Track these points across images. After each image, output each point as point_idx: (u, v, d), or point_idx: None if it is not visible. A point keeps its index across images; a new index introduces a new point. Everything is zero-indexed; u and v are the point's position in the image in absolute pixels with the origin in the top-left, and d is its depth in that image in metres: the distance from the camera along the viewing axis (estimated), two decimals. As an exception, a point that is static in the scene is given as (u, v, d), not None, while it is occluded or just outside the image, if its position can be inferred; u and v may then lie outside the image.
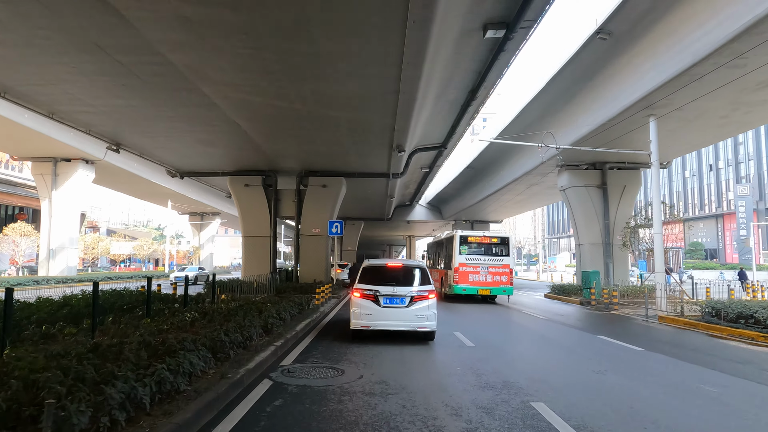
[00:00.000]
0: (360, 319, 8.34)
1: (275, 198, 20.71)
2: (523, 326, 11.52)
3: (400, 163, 19.15)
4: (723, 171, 60.38)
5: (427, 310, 8.35)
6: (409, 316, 8.30)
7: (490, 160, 26.00)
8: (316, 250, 20.53)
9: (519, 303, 18.52)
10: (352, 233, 44.25)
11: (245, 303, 10.96)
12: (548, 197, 30.39)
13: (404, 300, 8.33)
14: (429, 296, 8.43)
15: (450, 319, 12.65)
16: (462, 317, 13.33)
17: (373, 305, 8.30)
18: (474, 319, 12.96)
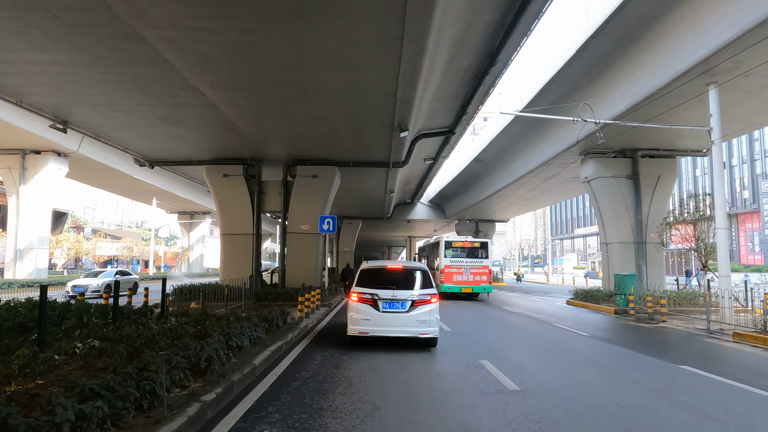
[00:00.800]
0: (358, 324, 7.94)
1: (258, 190, 18.08)
2: (569, 349, 8.82)
3: (402, 148, 16.55)
4: (737, 169, 57.86)
5: (429, 315, 7.92)
6: (409, 322, 7.87)
7: (501, 151, 23.39)
8: (306, 250, 17.90)
9: (542, 311, 15.90)
10: (350, 233, 41.65)
11: (200, 317, 8.33)
12: (562, 192, 27.82)
13: (405, 304, 7.90)
14: (431, 300, 8.00)
15: (467, 334, 10.05)
16: (484, 332, 10.71)
17: (371, 310, 7.88)
18: (500, 337, 10.33)
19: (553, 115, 13.21)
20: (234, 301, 14.05)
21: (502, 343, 9.34)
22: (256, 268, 17.78)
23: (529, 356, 8.06)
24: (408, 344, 8.49)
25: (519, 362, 7.42)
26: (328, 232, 16.72)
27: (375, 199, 29.18)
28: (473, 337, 9.92)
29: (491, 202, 31.51)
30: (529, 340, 9.88)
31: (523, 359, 7.74)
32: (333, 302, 16.08)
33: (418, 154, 21.50)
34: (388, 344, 8.43)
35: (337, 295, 19.01)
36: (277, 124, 13.77)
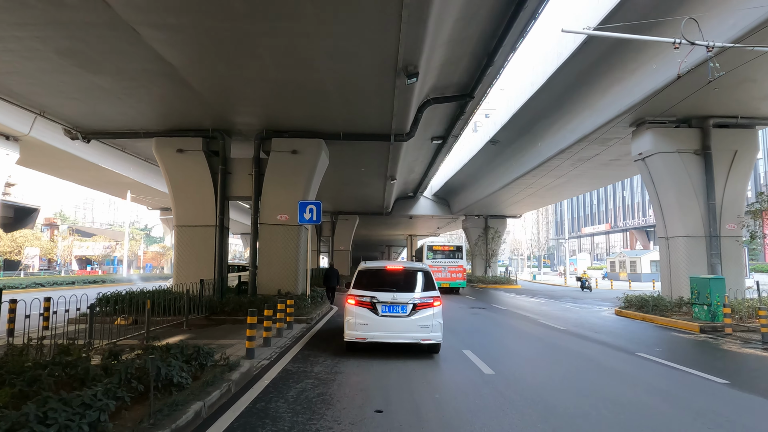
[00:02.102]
0: (355, 329, 7.51)
1: (223, 170, 14.14)
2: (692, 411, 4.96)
3: (407, 113, 12.68)
4: (762, 162, 53.96)
5: (431, 319, 7.47)
6: (411, 327, 7.43)
7: (525, 128, 19.49)
8: (284, 246, 13.97)
9: (592, 326, 11.96)
10: (346, 230, 37.77)
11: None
12: (594, 179, 23.74)
13: (405, 308, 7.48)
14: (434, 304, 7.57)
15: (511, 375, 6.19)
16: (540, 372, 6.83)
17: (369, 314, 7.47)
18: (572, 385, 6.42)
19: (641, 36, 9.07)
20: (176, 316, 10.14)
21: (576, 399, 5.44)
22: (219, 269, 13.84)
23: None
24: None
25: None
26: (311, 222, 12.82)
27: (373, 189, 25.27)
28: (528, 384, 6.04)
29: (505, 193, 27.60)
30: (621, 395, 5.96)
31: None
32: (314, 316, 12.10)
33: (426, 129, 17.63)
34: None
35: (322, 305, 15.05)
36: (237, 72, 9.87)
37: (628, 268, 38.69)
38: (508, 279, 33.53)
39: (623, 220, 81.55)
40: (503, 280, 32.84)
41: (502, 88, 29.33)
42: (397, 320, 7.46)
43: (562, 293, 26.93)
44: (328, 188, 25.31)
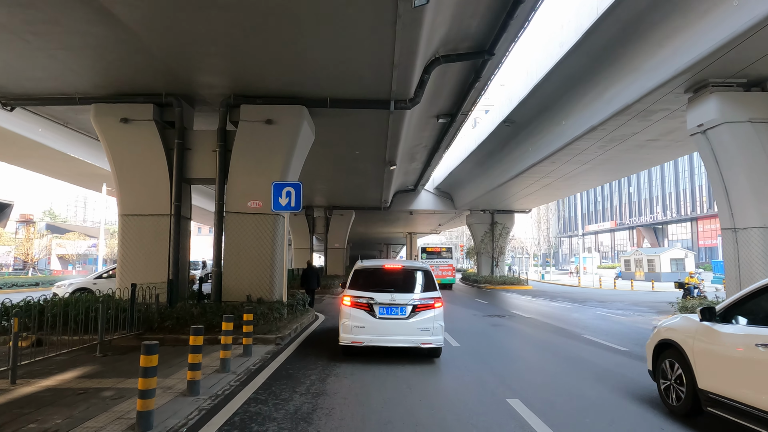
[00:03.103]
0: (351, 332, 7.15)
1: (181, 145, 11.27)
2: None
3: (411, 70, 9.88)
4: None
5: (432, 321, 7.10)
6: (410, 330, 7.06)
7: (546, 104, 16.67)
8: (257, 240, 11.11)
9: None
10: (341, 226, 34.92)
11: None
12: (623, 166, 20.62)
13: (404, 310, 7.12)
14: (435, 305, 7.20)
15: None
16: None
17: (366, 316, 7.12)
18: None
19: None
20: (89, 334, 7.26)
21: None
22: (175, 270, 10.97)
23: None
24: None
25: None
26: (288, 209, 9.98)
27: (370, 179, 22.43)
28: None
29: (517, 185, 24.79)
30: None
31: None
32: (289, 333, 9.11)
33: (430, 106, 14.88)
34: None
35: (304, 315, 12.11)
36: (196, 11, 7.04)
37: (645, 267, 35.90)
38: (518, 279, 30.74)
39: (629, 218, 78.84)
40: (512, 281, 30.06)
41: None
42: (396, 323, 7.11)
43: (583, 295, 24.14)
44: (319, 177, 22.47)
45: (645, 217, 74.15)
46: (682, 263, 33.87)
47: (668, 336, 5.13)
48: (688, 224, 66.23)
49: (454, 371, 6.65)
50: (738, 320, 4.36)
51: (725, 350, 4.31)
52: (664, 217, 69.91)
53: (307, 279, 13.96)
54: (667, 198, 69.93)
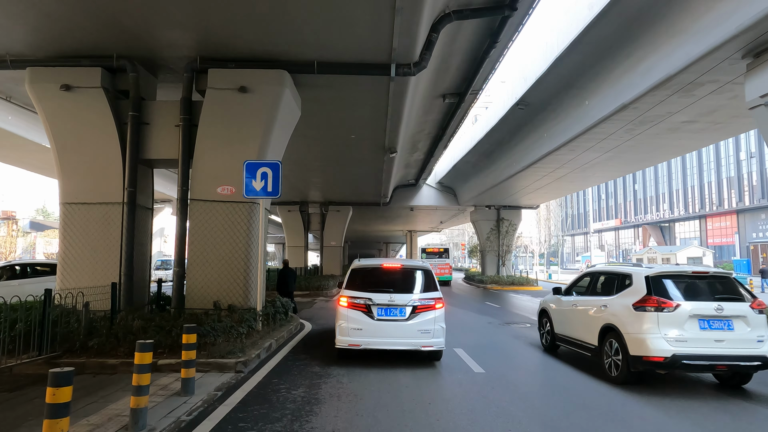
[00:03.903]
0: (347, 335, 6.90)
1: (136, 119, 9.26)
2: None
3: (417, 22, 7.90)
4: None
5: (433, 323, 6.88)
6: (410, 332, 6.83)
7: (567, 81, 14.69)
8: (228, 234, 9.14)
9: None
10: (337, 223, 32.98)
11: None
12: (646, 155, 18.49)
13: (404, 311, 6.88)
14: (435, 306, 6.98)
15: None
16: None
17: (364, 317, 6.88)
18: None
19: None
20: (22, 355, 5.28)
21: None
22: (127, 269, 8.98)
23: None
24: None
25: None
26: (265, 195, 8.01)
27: (369, 170, 20.47)
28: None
29: (527, 177, 22.83)
30: None
31: None
32: (258, 352, 6.95)
33: (436, 82, 12.96)
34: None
35: (285, 325, 10.01)
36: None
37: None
38: (527, 279, 28.76)
39: (635, 216, 76.87)
40: (521, 281, 28.09)
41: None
42: (395, 324, 6.90)
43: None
44: (312, 168, 20.50)
45: (651, 215, 72.17)
46: (699, 262, 31.91)
47: (543, 305, 8.77)
48: (696, 222, 64.28)
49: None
50: (570, 293, 8.05)
51: (563, 310, 8.03)
52: (671, 215, 67.97)
53: (283, 281, 11.92)
54: (674, 195, 67.98)
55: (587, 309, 7.25)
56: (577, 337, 7.40)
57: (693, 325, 5.87)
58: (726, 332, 5.86)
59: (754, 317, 5.96)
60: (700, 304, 5.99)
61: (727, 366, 5.84)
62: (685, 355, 5.75)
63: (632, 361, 5.97)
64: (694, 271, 6.55)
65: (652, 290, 6.15)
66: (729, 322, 5.90)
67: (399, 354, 7.96)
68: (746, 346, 5.81)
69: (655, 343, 5.83)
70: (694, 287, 6.29)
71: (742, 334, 5.86)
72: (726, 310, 5.93)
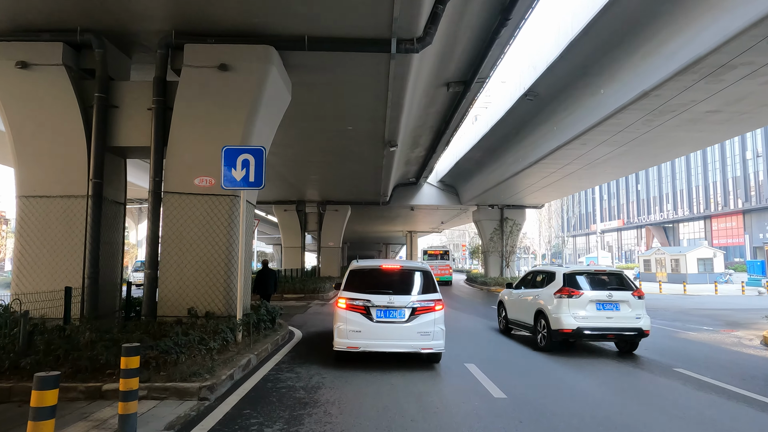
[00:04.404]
0: (346, 337, 6.75)
1: (102, 101, 8.16)
2: None
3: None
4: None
5: (433, 325, 6.79)
6: (409, 334, 6.72)
7: (582, 67, 13.63)
8: (207, 232, 8.06)
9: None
10: (335, 223, 31.92)
11: None
12: (661, 150, 17.23)
13: (403, 313, 6.77)
14: (435, 308, 6.90)
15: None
16: None
17: (363, 319, 6.75)
18: None
19: None
20: None
21: None
22: (92, 271, 7.89)
23: None
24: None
25: None
26: (246, 186, 6.93)
27: (367, 166, 19.41)
28: None
29: (534, 174, 21.77)
30: None
31: None
32: (230, 372, 5.62)
33: (440, 68, 11.93)
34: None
35: (270, 336, 8.84)
36: None
37: (668, 267, 32.81)
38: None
39: (638, 216, 75.77)
40: (526, 283, 26.95)
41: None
42: (395, 326, 6.74)
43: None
44: (308, 165, 19.44)
45: (654, 216, 71.10)
46: (710, 263, 30.83)
47: (500, 297, 11.26)
48: (701, 222, 63.22)
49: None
50: (519, 288, 10.25)
51: (513, 300, 10.37)
52: (674, 216, 66.90)
53: (263, 283, 10.73)
54: (678, 195, 66.93)
55: (527, 298, 9.60)
56: (522, 320, 9.81)
57: (592, 307, 8.14)
58: (614, 312, 8.13)
59: (635, 301, 8.24)
60: (597, 292, 8.27)
61: (614, 335, 8.14)
62: (585, 328, 8.03)
63: (553, 334, 8.24)
64: (595, 269, 9.14)
65: (566, 283, 8.41)
66: (617, 305, 8.16)
67: (400, 365, 6.92)
68: (628, 322, 8.07)
69: (566, 319, 8.07)
70: (595, 280, 8.58)
71: (626, 314, 8.13)
72: (614, 297, 8.20)
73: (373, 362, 7.16)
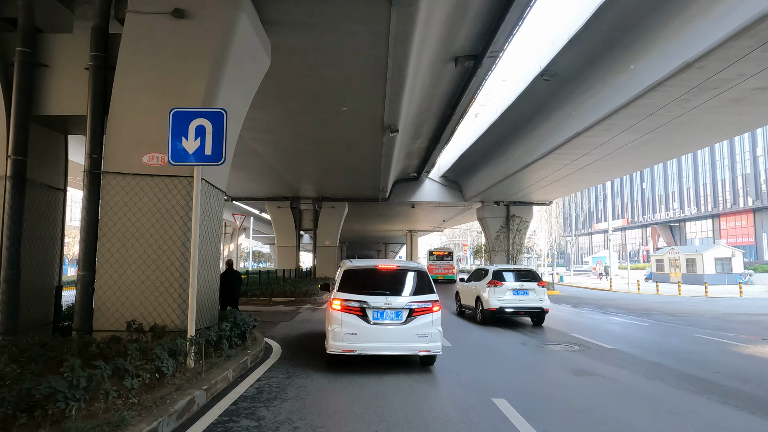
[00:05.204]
0: (341, 340, 6.45)
1: (27, 57, 6.45)
2: None
3: None
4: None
5: (431, 327, 6.62)
6: (407, 336, 6.52)
7: (608, 39, 11.95)
8: (158, 222, 6.34)
9: None
10: (332, 221, 30.27)
11: None
12: (692, 138, 15.21)
13: (401, 314, 6.56)
14: (433, 309, 6.72)
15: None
16: None
17: (359, 321, 6.47)
18: None
19: None
20: None
21: None
22: (9, 270, 6.17)
23: None
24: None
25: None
26: (201, 160, 5.17)
27: (366, 155, 17.74)
28: None
29: (546, 167, 20.06)
30: None
31: None
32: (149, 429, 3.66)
33: (446, 38, 10.21)
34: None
35: (232, 360, 6.96)
36: None
37: (683, 267, 31.10)
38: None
39: (643, 215, 74.10)
40: (535, 284, 25.28)
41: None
42: (392, 328, 6.51)
43: (632, 304, 19.40)
44: (299, 156, 17.75)
45: (660, 215, 69.44)
46: (728, 263, 29.15)
47: (456, 288, 14.93)
48: (708, 221, 61.56)
49: None
50: (469, 281, 13.56)
51: (463, 289, 13.98)
52: (681, 214, 65.24)
53: (227, 287, 8.87)
54: (685, 193, 65.25)
55: (472, 288, 13.03)
56: (468, 304, 13.25)
57: (510, 293, 11.74)
58: (524, 296, 11.76)
59: (539, 289, 11.85)
60: (513, 283, 11.88)
61: (524, 312, 11.93)
62: (504, 307, 11.64)
63: (485, 312, 11.82)
64: (515, 268, 12.70)
65: (494, 277, 11.96)
66: (527, 291, 11.77)
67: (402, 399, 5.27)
68: (534, 303, 11.72)
69: (492, 302, 11.66)
70: (514, 275, 12.14)
71: (533, 297, 11.74)
72: (525, 286, 11.84)
73: (370, 400, 5.48)
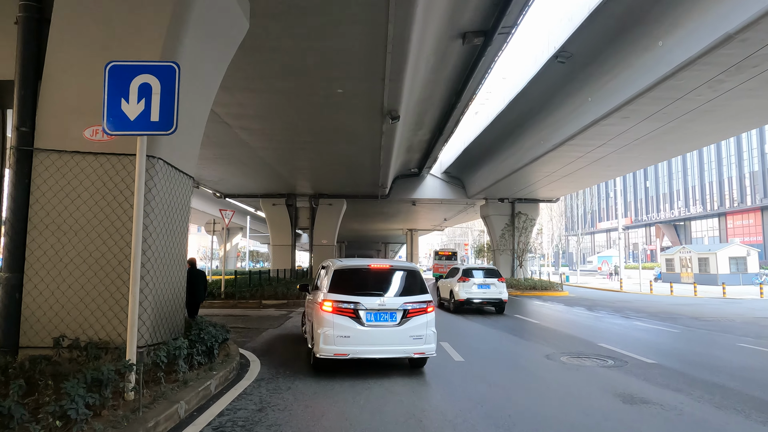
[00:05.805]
0: (333, 344, 6.08)
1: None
2: None
3: None
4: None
5: (425, 328, 6.39)
6: (401, 338, 6.26)
7: (634, 12, 10.73)
8: (103, 212, 5.09)
9: None
10: (329, 219, 29.05)
11: None
12: (719, 125, 13.47)
13: (395, 315, 6.29)
14: (428, 309, 6.50)
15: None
16: None
17: (352, 324, 6.13)
18: None
19: None
20: None
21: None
22: None
23: None
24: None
25: None
26: (142, 130, 3.86)
27: (364, 146, 16.52)
28: None
29: (555, 161, 18.86)
30: None
31: None
32: None
33: (455, 8, 8.95)
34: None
35: (193, 384, 5.85)
36: None
37: (695, 267, 29.89)
38: (550, 283, 24.71)
39: (646, 214, 72.91)
40: (543, 285, 24.05)
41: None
42: (386, 330, 6.24)
43: (649, 306, 18.18)
44: (295, 147, 16.53)
45: (665, 213, 68.26)
46: (743, 262, 27.92)
47: (437, 284, 17.84)
48: (714, 220, 60.37)
49: None
50: (446, 278, 16.14)
51: (442, 285, 16.61)
52: (686, 213, 64.05)
53: (189, 290, 7.47)
54: (690, 192, 64.06)
55: (448, 284, 15.50)
56: (445, 297, 15.65)
57: (475, 287, 14.33)
58: (487, 289, 14.34)
59: (500, 284, 14.49)
60: (479, 278, 14.47)
61: (487, 302, 14.46)
62: (471, 298, 14.28)
63: (456, 303, 14.46)
64: (480, 267, 15.47)
65: (463, 274, 14.64)
66: (489, 285, 14.36)
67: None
68: (495, 295, 14.35)
69: (462, 294, 14.32)
70: (479, 271, 14.76)
71: (494, 291, 14.36)
72: (488, 281, 14.43)
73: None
